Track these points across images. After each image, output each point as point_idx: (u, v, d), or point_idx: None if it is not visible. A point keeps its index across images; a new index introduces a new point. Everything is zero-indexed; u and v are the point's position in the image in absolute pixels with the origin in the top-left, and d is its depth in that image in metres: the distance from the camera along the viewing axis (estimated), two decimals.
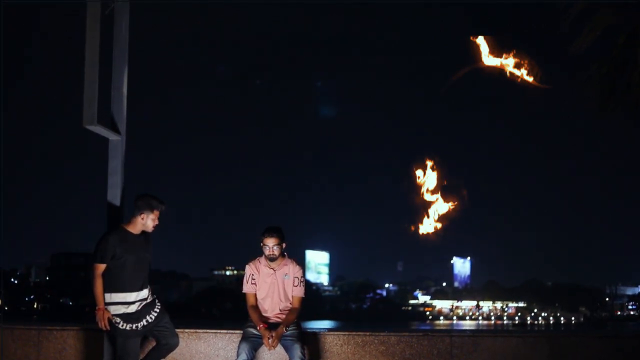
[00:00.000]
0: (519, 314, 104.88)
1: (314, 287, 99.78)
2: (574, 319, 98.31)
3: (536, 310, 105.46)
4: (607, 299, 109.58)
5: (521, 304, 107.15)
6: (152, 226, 5.13)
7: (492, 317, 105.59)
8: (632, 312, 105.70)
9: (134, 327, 5.00)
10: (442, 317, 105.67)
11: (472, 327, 59.85)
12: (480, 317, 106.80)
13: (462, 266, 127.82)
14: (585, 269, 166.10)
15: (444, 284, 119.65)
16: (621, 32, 5.85)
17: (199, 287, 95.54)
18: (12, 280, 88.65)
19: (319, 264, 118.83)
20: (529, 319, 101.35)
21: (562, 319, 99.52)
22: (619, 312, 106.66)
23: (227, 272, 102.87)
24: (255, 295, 5.35)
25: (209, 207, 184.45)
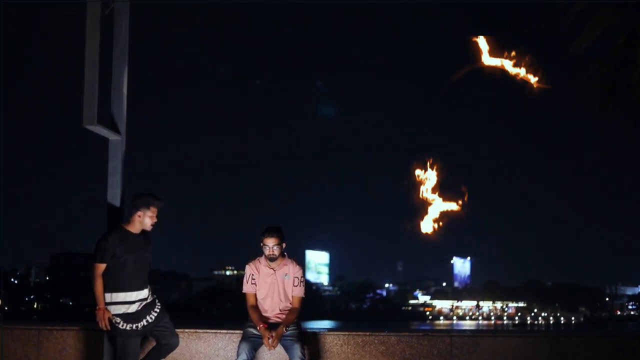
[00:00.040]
0: (519, 314, 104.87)
1: (314, 287, 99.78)
2: (574, 319, 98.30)
3: (536, 310, 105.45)
4: (607, 299, 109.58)
5: (521, 304, 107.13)
6: (151, 224, 5.13)
7: (492, 317, 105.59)
8: (632, 312, 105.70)
9: (134, 327, 5.00)
10: (442, 317, 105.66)
11: (472, 327, 59.87)
12: (480, 317, 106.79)
13: (462, 266, 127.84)
14: (585, 269, 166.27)
15: (444, 284, 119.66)
16: (621, 32, 5.85)
17: (199, 287, 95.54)
18: (12, 280, 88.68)
19: (319, 264, 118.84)
20: (529, 319, 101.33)
21: (562, 319, 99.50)
22: (619, 312, 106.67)
23: (227, 272, 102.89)
24: (255, 295, 5.35)
25: (209, 207, 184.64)
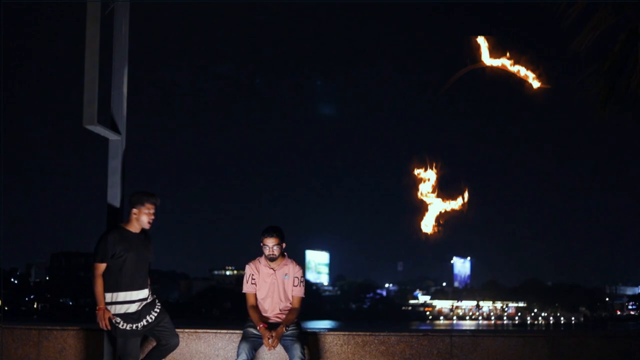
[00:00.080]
0: (519, 314, 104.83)
1: (314, 287, 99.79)
2: (574, 319, 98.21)
3: (536, 310, 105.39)
4: (607, 299, 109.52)
5: (521, 304, 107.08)
6: (147, 221, 5.11)
7: (492, 317, 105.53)
8: (632, 312, 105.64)
9: (134, 327, 5.00)
10: (442, 317, 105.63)
11: (472, 327, 59.82)
12: (480, 317, 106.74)
13: (462, 266, 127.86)
14: (585, 269, 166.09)
15: (444, 284, 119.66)
16: (621, 32, 5.86)
17: (199, 287, 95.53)
18: (12, 280, 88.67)
19: (319, 264, 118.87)
20: (529, 319, 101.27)
21: (562, 319, 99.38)
22: (619, 312, 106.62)
23: (227, 272, 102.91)
24: (255, 295, 5.35)
25: (209, 207, 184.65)
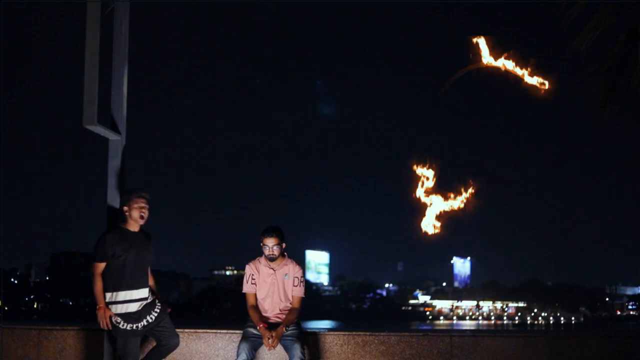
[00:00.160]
0: (519, 314, 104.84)
1: (314, 287, 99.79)
2: (574, 319, 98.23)
3: (536, 310, 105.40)
4: (607, 299, 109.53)
5: (521, 304, 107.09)
6: (139, 217, 5.09)
7: (492, 317, 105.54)
8: (632, 312, 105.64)
9: (135, 327, 4.99)
10: (442, 317, 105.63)
11: (472, 327, 59.84)
12: (480, 317, 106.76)
13: (462, 266, 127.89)
14: (585, 269, 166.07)
15: (444, 284, 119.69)
16: (621, 32, 5.86)
17: (199, 287, 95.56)
18: (12, 280, 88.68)
19: (319, 264, 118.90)
20: (529, 319, 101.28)
21: (562, 319, 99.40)
22: (619, 312, 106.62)
23: (227, 272, 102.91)
24: (255, 295, 5.35)
25: (209, 207, 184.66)
